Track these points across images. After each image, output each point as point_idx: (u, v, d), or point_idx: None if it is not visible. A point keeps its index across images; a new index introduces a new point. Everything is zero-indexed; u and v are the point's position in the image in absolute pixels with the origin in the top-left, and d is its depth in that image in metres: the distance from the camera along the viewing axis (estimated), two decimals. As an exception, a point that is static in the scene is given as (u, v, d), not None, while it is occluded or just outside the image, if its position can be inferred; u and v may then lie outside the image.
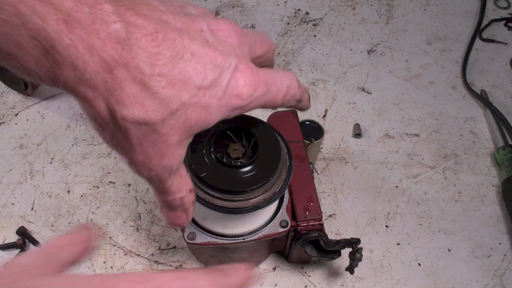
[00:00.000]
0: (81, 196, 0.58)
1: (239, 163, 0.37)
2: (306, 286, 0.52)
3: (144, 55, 0.25)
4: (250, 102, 0.31)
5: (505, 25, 0.78)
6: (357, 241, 0.46)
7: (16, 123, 0.64)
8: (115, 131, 0.27)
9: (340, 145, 0.63)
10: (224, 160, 0.37)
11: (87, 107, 0.26)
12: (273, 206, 0.43)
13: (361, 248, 0.46)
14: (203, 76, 0.28)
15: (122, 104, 0.25)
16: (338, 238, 0.46)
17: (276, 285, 0.52)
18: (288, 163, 0.40)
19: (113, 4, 0.24)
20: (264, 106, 0.33)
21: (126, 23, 0.24)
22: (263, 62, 0.35)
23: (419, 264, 0.54)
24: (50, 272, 0.24)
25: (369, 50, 0.74)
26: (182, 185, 0.32)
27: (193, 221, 0.42)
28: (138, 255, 0.53)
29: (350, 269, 0.48)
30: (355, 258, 0.46)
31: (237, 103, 0.30)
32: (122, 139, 0.27)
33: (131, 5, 0.25)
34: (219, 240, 0.42)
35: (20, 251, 0.52)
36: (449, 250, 0.55)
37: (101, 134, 0.28)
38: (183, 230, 0.42)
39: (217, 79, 0.28)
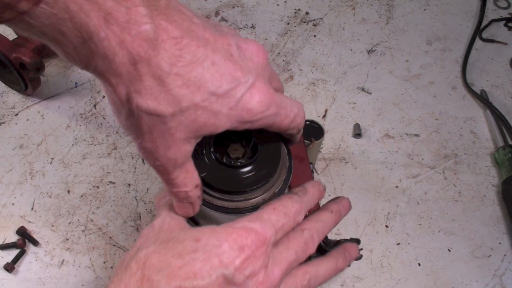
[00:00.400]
0: (81, 196, 0.58)
1: (239, 163, 0.37)
2: (306, 286, 0.52)
3: (166, 55, 0.28)
4: (260, 118, 0.33)
5: (505, 25, 0.78)
6: (357, 241, 0.46)
7: (16, 123, 0.64)
8: (130, 116, 0.30)
9: (340, 145, 0.63)
10: (224, 160, 0.37)
11: (110, 91, 0.29)
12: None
13: (361, 248, 0.46)
14: (218, 84, 0.30)
15: (139, 94, 0.29)
16: (338, 238, 0.46)
17: (276, 285, 0.52)
18: (288, 164, 0.40)
19: (147, 8, 0.27)
20: (270, 127, 0.35)
21: (156, 26, 0.28)
22: None
23: (419, 264, 0.54)
24: (187, 228, 0.34)
25: (369, 50, 0.74)
26: (188, 180, 0.34)
27: (193, 220, 0.42)
28: (138, 255, 0.53)
29: None
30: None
31: (247, 117, 0.32)
32: (135, 125, 0.30)
33: (164, 10, 0.28)
34: None
35: (20, 251, 0.52)
36: (449, 250, 0.55)
37: (118, 117, 0.31)
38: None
39: (232, 90, 0.31)
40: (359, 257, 0.46)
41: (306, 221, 0.39)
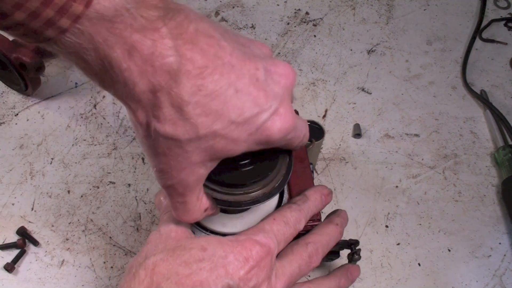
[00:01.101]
0: (81, 196, 0.58)
1: (239, 157, 0.37)
2: (306, 286, 0.52)
3: (188, 85, 0.28)
4: (278, 142, 0.33)
5: (505, 25, 0.78)
6: (356, 242, 0.46)
7: (16, 123, 0.64)
8: (147, 137, 0.30)
9: (340, 145, 0.63)
10: None
11: (129, 113, 0.30)
12: (272, 206, 0.43)
13: (359, 250, 0.46)
14: (239, 112, 0.30)
15: (157, 119, 0.29)
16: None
17: (276, 285, 0.52)
18: (287, 160, 0.39)
19: (174, 39, 0.27)
20: (281, 147, 0.35)
21: (181, 57, 0.27)
22: None
23: (419, 264, 0.54)
24: (193, 236, 0.35)
25: (369, 50, 0.74)
26: (197, 208, 0.34)
27: (198, 224, 0.42)
28: (138, 255, 0.53)
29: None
30: (353, 259, 0.46)
31: (265, 141, 0.32)
32: (151, 146, 0.30)
33: (191, 38, 0.28)
34: None
35: (20, 251, 0.52)
36: (449, 250, 0.55)
37: (136, 135, 0.31)
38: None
39: (253, 117, 0.31)
40: (358, 258, 0.46)
41: (310, 234, 0.40)
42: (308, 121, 0.54)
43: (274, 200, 0.44)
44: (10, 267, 0.51)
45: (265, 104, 0.31)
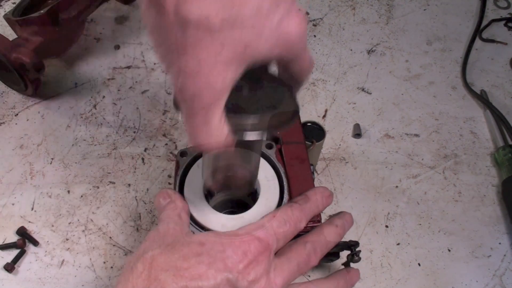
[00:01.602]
0: (81, 196, 0.58)
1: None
2: (306, 286, 0.52)
3: None
4: (295, 44, 0.31)
5: (505, 25, 0.78)
6: (356, 244, 0.46)
7: (16, 123, 0.64)
8: (175, 31, 0.28)
9: (340, 145, 0.63)
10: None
11: (156, 10, 0.28)
12: (273, 206, 0.43)
13: (359, 251, 0.46)
14: (261, 3, 0.29)
15: (188, 2, 0.27)
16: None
17: (276, 285, 0.52)
18: (294, 99, 0.37)
19: None
20: (292, 63, 0.34)
21: None
22: None
23: (419, 264, 0.54)
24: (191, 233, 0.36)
25: (369, 50, 0.74)
26: (220, 129, 0.32)
27: (192, 220, 0.42)
28: (138, 255, 0.53)
29: (347, 265, 0.48)
30: (353, 260, 0.46)
31: (284, 41, 0.31)
32: (179, 39, 0.29)
33: None
34: None
35: (20, 251, 0.52)
36: (449, 250, 0.55)
37: (160, 37, 0.30)
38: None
39: (272, 11, 0.29)
40: (358, 260, 0.46)
41: (309, 234, 0.40)
42: (309, 122, 0.54)
43: (274, 200, 0.44)
44: (10, 267, 0.51)
45: (282, 0, 0.30)
